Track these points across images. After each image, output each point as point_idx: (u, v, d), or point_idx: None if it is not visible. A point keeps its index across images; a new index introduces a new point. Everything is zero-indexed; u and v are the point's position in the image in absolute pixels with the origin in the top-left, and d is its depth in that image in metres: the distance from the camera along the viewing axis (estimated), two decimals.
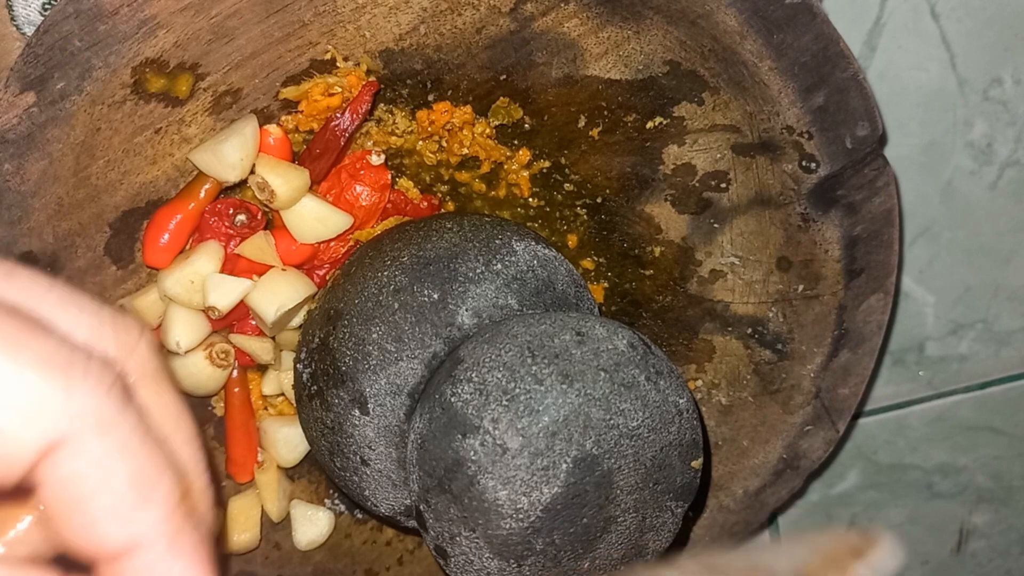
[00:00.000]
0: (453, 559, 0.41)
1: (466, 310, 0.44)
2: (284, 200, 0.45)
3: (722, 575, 0.18)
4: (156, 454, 0.22)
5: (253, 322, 0.47)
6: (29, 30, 0.45)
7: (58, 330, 0.21)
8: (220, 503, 0.51)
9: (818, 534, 0.18)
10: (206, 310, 0.45)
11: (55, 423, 0.20)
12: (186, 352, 0.46)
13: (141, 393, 0.23)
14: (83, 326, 0.22)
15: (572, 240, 0.52)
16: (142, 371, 0.23)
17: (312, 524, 0.52)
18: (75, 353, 0.21)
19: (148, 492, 0.21)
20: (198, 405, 0.50)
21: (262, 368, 0.50)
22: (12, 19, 0.45)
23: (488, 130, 0.48)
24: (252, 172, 0.45)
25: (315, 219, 0.46)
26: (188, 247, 0.46)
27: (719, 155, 0.48)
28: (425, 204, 0.50)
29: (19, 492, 0.22)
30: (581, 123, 0.48)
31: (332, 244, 0.48)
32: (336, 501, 0.53)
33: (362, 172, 0.47)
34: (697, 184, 0.49)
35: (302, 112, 0.46)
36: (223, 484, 0.51)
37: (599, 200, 0.50)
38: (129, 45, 0.40)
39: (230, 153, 0.44)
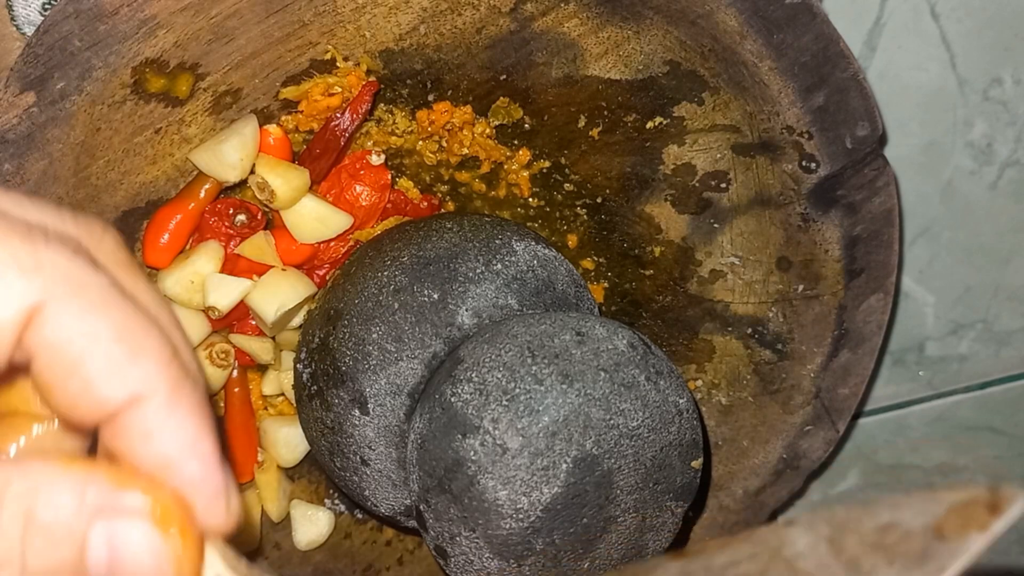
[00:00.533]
0: (453, 559, 0.41)
1: (466, 310, 0.44)
2: (284, 200, 0.45)
3: (853, 533, 0.17)
4: (136, 311, 0.21)
5: (253, 322, 0.47)
6: (29, 30, 0.45)
7: (16, 216, 0.21)
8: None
9: (946, 489, 0.17)
10: (206, 310, 0.45)
11: (27, 289, 0.20)
12: None
13: (112, 272, 0.22)
14: (43, 217, 0.22)
15: (572, 240, 0.52)
16: (111, 258, 0.23)
17: (312, 524, 0.52)
18: (35, 228, 0.21)
19: (137, 346, 0.21)
20: None
21: (262, 368, 0.50)
22: (12, 19, 0.45)
23: (488, 130, 0.48)
24: (252, 172, 0.45)
25: (315, 219, 0.46)
26: (188, 247, 0.46)
27: (719, 155, 0.48)
28: (425, 204, 0.50)
29: (15, 372, 0.22)
30: (581, 123, 0.48)
31: (332, 244, 0.48)
32: (336, 501, 0.53)
33: (362, 172, 0.47)
34: (697, 184, 0.49)
35: (302, 112, 0.46)
36: None
37: (599, 200, 0.50)
38: (129, 45, 0.40)
39: (230, 153, 0.44)
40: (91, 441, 0.24)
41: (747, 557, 0.18)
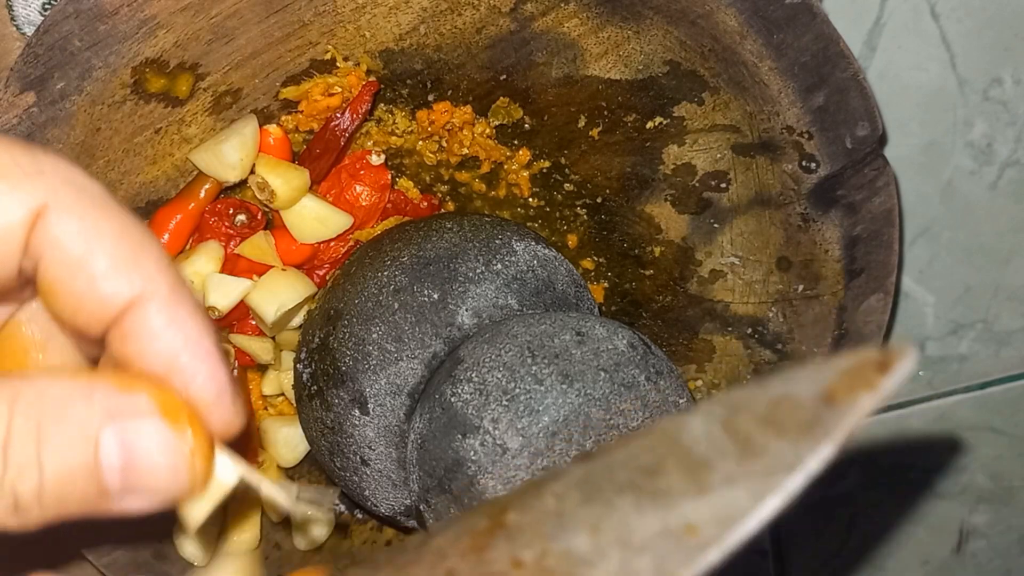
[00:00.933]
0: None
1: (466, 310, 0.44)
2: (284, 200, 0.45)
3: (746, 411, 0.17)
4: (135, 220, 0.22)
5: (253, 322, 0.47)
6: (29, 30, 0.45)
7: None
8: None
9: (838, 357, 0.17)
10: (206, 310, 0.45)
11: (32, 192, 0.21)
12: None
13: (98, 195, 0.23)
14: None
15: (572, 240, 0.52)
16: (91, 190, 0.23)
17: (312, 524, 0.52)
18: (30, 146, 0.22)
19: (139, 247, 0.22)
20: None
21: (262, 368, 0.50)
22: (12, 19, 0.45)
23: (488, 130, 0.48)
24: (252, 172, 0.45)
25: (315, 219, 0.46)
26: (188, 247, 0.46)
27: (719, 155, 0.48)
28: (425, 204, 0.50)
29: (24, 284, 0.22)
30: (581, 123, 0.48)
31: (332, 244, 0.48)
32: (336, 501, 0.53)
33: (362, 172, 0.47)
34: (697, 184, 0.49)
35: (302, 112, 0.46)
36: None
37: (599, 200, 0.50)
38: (129, 45, 0.40)
39: (230, 153, 0.44)
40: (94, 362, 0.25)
41: (646, 449, 0.18)
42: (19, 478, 0.20)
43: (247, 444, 0.50)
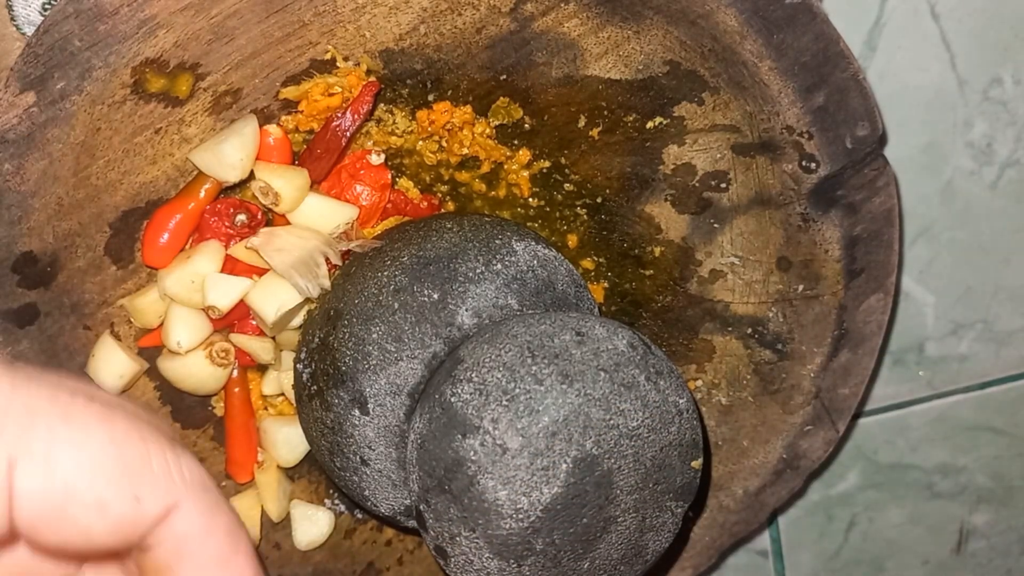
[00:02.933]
0: (453, 559, 0.41)
1: (466, 310, 0.44)
2: (289, 202, 0.45)
3: None
4: (237, 520, 0.26)
5: (253, 322, 0.47)
6: (29, 30, 0.45)
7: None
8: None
9: None
10: (206, 310, 0.45)
11: (174, 490, 0.24)
12: (187, 352, 0.46)
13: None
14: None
15: (572, 240, 0.52)
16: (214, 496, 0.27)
17: (312, 524, 0.52)
18: (171, 436, 0.25)
19: (240, 549, 0.25)
20: (198, 405, 0.50)
21: (262, 368, 0.50)
22: (12, 19, 0.45)
23: (488, 130, 0.48)
24: (253, 178, 0.45)
25: (321, 215, 0.46)
26: (188, 247, 0.46)
27: (719, 155, 0.48)
28: (425, 204, 0.50)
29: (124, 555, 0.25)
30: (581, 123, 0.48)
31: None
32: (336, 501, 0.53)
33: (362, 172, 0.47)
34: (697, 184, 0.49)
35: (302, 112, 0.46)
36: (223, 484, 0.51)
37: (599, 200, 0.50)
38: (129, 45, 0.40)
39: (230, 153, 0.44)
40: None
41: None
42: None
43: (247, 444, 0.50)
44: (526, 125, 0.48)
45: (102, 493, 0.23)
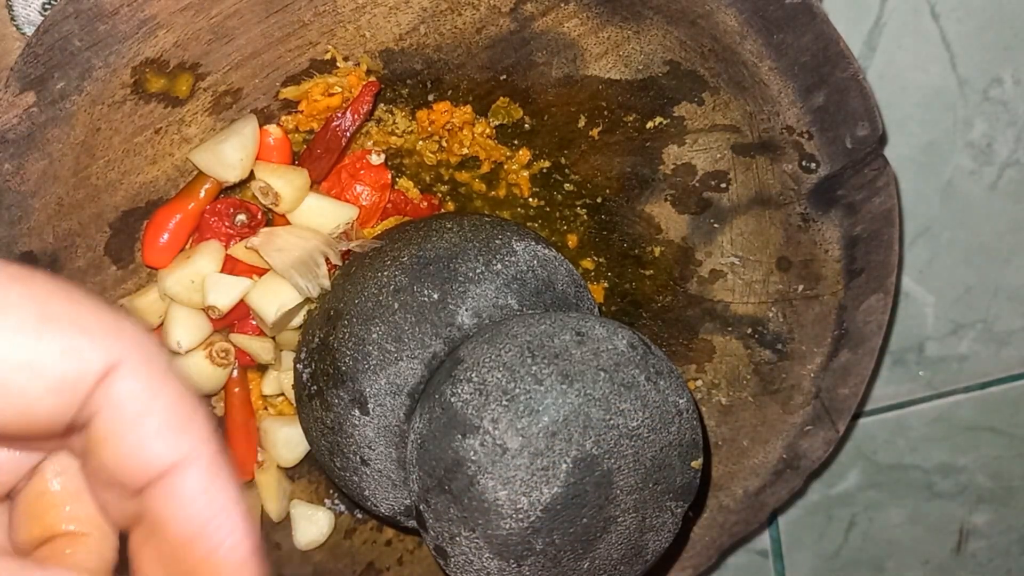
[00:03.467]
0: (453, 559, 0.41)
1: (466, 310, 0.44)
2: (289, 202, 0.45)
3: None
4: (190, 390, 0.24)
5: (253, 322, 0.47)
6: (29, 30, 0.45)
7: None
8: None
9: None
10: (206, 309, 0.45)
11: (110, 349, 0.23)
12: (187, 352, 0.46)
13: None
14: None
15: (572, 240, 0.52)
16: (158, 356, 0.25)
17: (312, 524, 0.52)
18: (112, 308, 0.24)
19: (189, 416, 0.23)
20: None
21: (262, 368, 0.50)
22: (12, 19, 0.45)
23: (488, 130, 0.48)
24: (253, 178, 0.45)
25: (321, 215, 0.46)
26: (188, 247, 0.46)
27: (719, 155, 0.48)
28: (425, 204, 0.50)
29: (74, 428, 0.24)
30: (581, 123, 0.48)
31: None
32: (336, 501, 0.53)
33: (362, 172, 0.47)
34: (697, 184, 0.49)
35: (302, 112, 0.46)
36: None
37: (599, 200, 0.50)
38: (129, 45, 0.40)
39: (230, 153, 0.44)
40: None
41: None
42: None
43: (247, 444, 0.50)
44: (526, 125, 0.48)
45: (32, 350, 0.22)
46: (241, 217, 0.46)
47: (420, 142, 0.48)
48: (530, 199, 0.51)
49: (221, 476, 0.24)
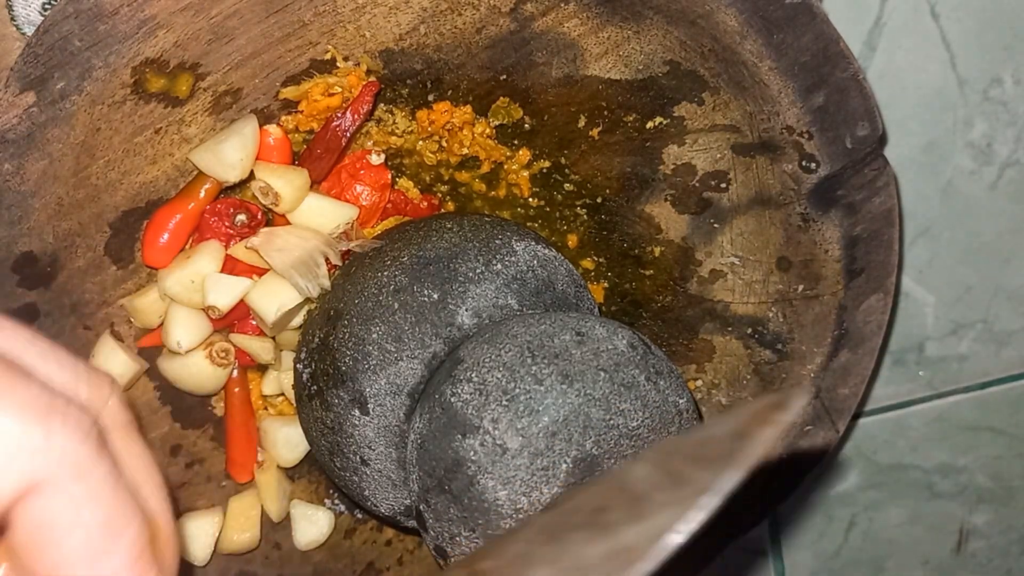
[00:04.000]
0: (453, 559, 0.41)
1: (466, 310, 0.44)
2: (289, 202, 0.45)
3: (677, 454, 0.21)
4: (126, 501, 0.23)
5: (253, 322, 0.47)
6: (29, 30, 0.45)
7: (39, 378, 0.22)
8: (219, 503, 0.51)
9: (751, 403, 0.21)
10: (206, 309, 0.45)
11: (34, 467, 0.21)
12: (187, 352, 0.46)
13: (113, 443, 0.24)
14: (61, 376, 0.23)
15: (572, 240, 0.52)
16: (114, 422, 0.24)
17: (312, 524, 0.52)
18: (55, 400, 0.22)
19: (116, 537, 0.22)
20: (198, 405, 0.50)
21: (262, 368, 0.50)
22: (12, 19, 0.45)
23: (488, 130, 0.48)
24: (253, 178, 0.45)
25: (321, 215, 0.46)
26: (188, 247, 0.46)
27: (719, 155, 0.48)
28: (425, 204, 0.50)
29: None
30: (581, 123, 0.48)
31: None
32: (336, 501, 0.53)
33: (362, 172, 0.47)
34: (697, 184, 0.49)
35: (302, 112, 0.46)
36: (223, 484, 0.51)
37: (599, 200, 0.50)
38: (129, 45, 0.40)
39: (230, 153, 0.44)
40: None
41: (597, 495, 0.21)
42: None
43: (247, 444, 0.50)
44: (526, 125, 0.48)
45: None
46: (241, 217, 0.46)
47: (420, 142, 0.48)
48: (530, 199, 0.51)
49: None
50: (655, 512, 0.20)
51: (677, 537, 0.19)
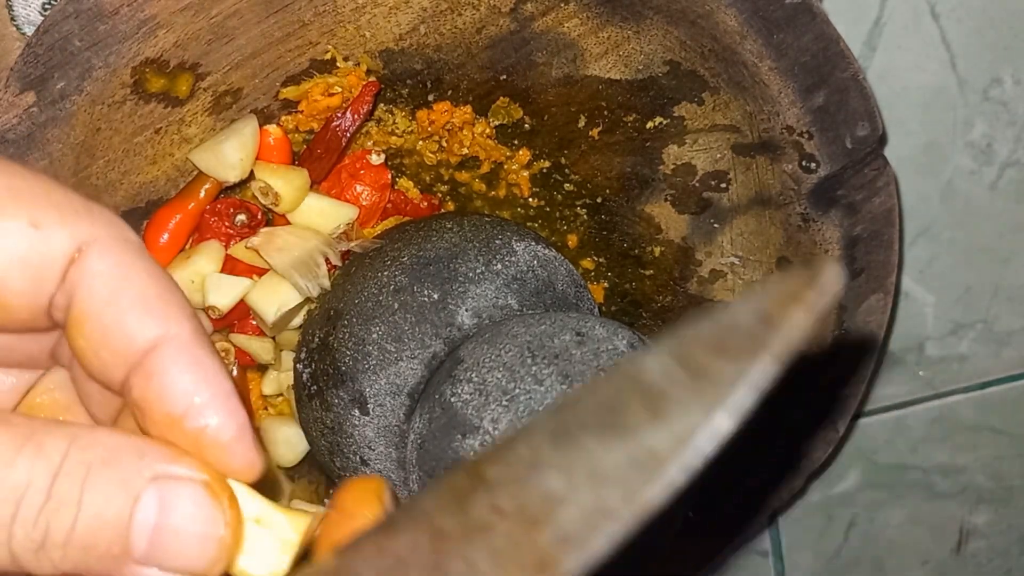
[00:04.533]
0: None
1: (466, 310, 0.44)
2: (289, 202, 0.45)
3: (697, 342, 0.18)
4: (163, 271, 0.23)
5: (253, 322, 0.47)
6: (29, 30, 0.45)
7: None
8: None
9: (772, 282, 0.19)
10: (206, 310, 0.45)
11: (78, 229, 0.22)
12: None
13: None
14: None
15: (572, 240, 0.52)
16: (130, 237, 0.24)
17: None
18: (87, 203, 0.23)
19: (166, 293, 0.23)
20: None
21: (262, 368, 0.50)
22: (12, 19, 0.45)
23: (488, 130, 0.48)
24: (253, 178, 0.45)
25: (321, 215, 0.46)
26: (188, 247, 0.46)
27: (719, 155, 0.48)
28: (425, 204, 0.50)
29: (55, 322, 0.23)
30: (581, 123, 0.48)
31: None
32: None
33: (362, 172, 0.47)
34: (697, 184, 0.49)
35: (302, 112, 0.46)
36: None
37: (599, 200, 0.50)
38: (129, 45, 0.40)
39: (230, 153, 0.44)
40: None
41: (608, 392, 0.19)
42: (56, 512, 0.21)
43: None
44: (526, 125, 0.48)
45: None
46: (241, 217, 0.46)
47: (420, 142, 0.48)
48: (530, 199, 0.51)
49: (203, 354, 0.23)
50: (677, 412, 0.17)
51: (705, 440, 0.17)
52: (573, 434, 0.19)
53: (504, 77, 0.46)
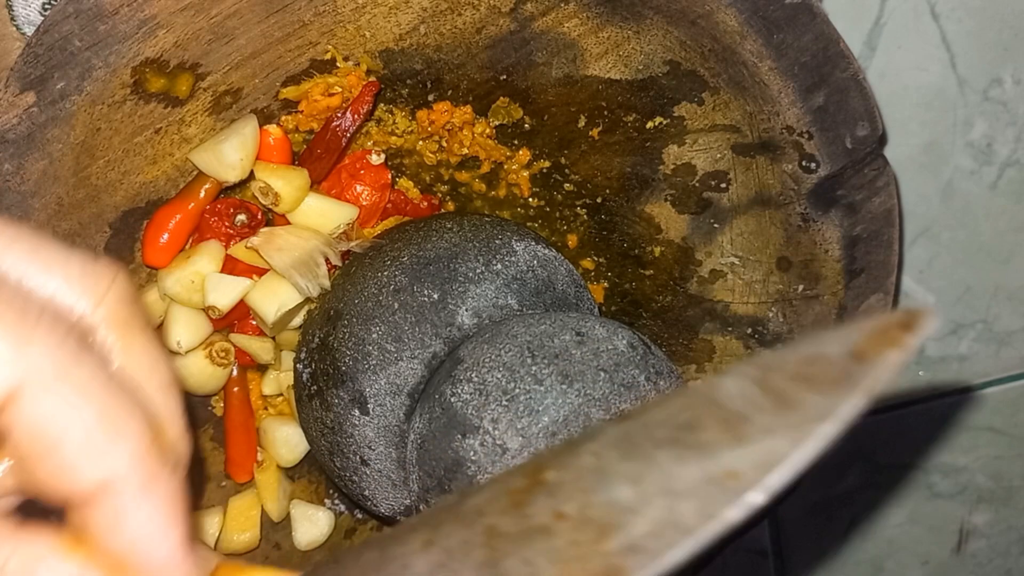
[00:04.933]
0: None
1: (466, 310, 0.44)
2: (289, 202, 0.45)
3: (778, 371, 0.18)
4: (122, 397, 0.22)
5: (253, 322, 0.47)
6: (29, 30, 0.45)
7: (12, 285, 0.22)
8: (219, 503, 0.51)
9: (863, 321, 0.19)
10: (206, 309, 0.45)
11: (9, 370, 0.20)
12: (187, 352, 0.46)
13: (109, 340, 0.23)
14: (48, 279, 0.22)
15: (572, 240, 0.52)
16: (112, 318, 0.23)
17: (312, 524, 0.52)
18: (28, 306, 0.21)
19: (116, 432, 0.21)
20: (198, 405, 0.50)
21: (262, 368, 0.50)
22: (12, 19, 0.45)
23: (488, 130, 0.48)
24: (253, 178, 0.45)
25: (321, 215, 0.46)
26: (188, 247, 0.46)
27: (719, 155, 0.48)
28: (425, 204, 0.50)
29: None
30: (581, 123, 0.48)
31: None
32: (336, 501, 0.53)
33: (362, 172, 0.47)
34: (697, 184, 0.49)
35: (302, 112, 0.46)
36: (223, 484, 0.51)
37: (599, 200, 0.50)
38: (129, 45, 0.40)
39: (230, 153, 0.44)
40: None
41: (682, 408, 0.19)
42: None
43: (247, 444, 0.50)
44: (526, 125, 0.48)
45: None
46: (241, 217, 0.46)
47: (420, 142, 0.48)
48: (530, 199, 0.51)
49: (155, 497, 0.22)
50: (760, 436, 0.17)
51: (791, 467, 0.17)
52: (643, 448, 0.18)
53: (504, 77, 0.46)
